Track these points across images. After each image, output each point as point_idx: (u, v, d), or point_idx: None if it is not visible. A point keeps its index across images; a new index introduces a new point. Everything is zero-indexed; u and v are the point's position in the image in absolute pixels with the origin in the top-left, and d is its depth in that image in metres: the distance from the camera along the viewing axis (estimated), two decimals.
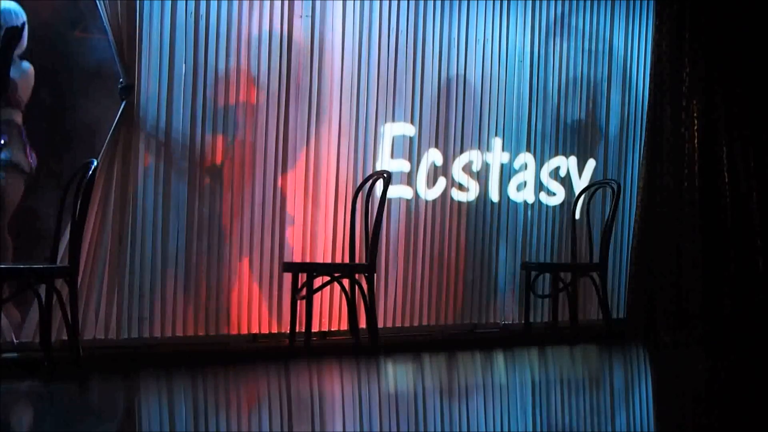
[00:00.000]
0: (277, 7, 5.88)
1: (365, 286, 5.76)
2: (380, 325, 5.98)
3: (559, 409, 4.44)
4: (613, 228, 6.80)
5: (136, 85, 5.45)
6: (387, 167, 6.18)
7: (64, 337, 5.06)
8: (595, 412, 4.44)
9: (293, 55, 5.94)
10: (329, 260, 6.04)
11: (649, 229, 6.94)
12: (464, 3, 6.54)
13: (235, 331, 5.77)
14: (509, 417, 4.27)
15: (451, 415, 4.31)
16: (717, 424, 4.08)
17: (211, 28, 5.66)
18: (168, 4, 5.54)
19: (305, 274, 5.63)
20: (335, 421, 4.12)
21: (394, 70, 6.29)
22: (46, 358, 4.84)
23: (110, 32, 5.38)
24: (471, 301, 6.57)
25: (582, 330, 6.68)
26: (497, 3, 6.67)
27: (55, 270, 4.89)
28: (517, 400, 4.73)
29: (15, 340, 5.20)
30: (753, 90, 7.14)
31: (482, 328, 6.65)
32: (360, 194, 6.04)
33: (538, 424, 4.06)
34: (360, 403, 4.58)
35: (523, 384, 5.30)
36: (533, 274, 6.54)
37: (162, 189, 5.54)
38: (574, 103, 6.99)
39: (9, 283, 4.80)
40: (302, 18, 5.96)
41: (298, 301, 5.67)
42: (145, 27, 5.47)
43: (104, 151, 5.37)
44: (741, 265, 7.02)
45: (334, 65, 6.08)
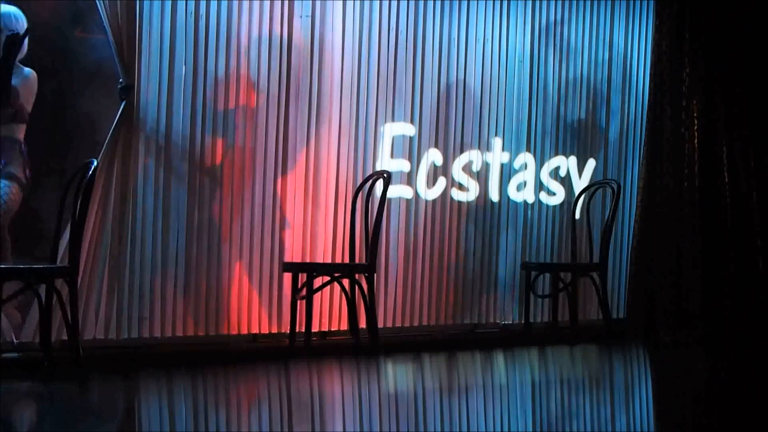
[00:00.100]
0: (277, 6, 5.88)
1: (365, 286, 5.76)
2: (380, 325, 5.98)
3: (559, 409, 4.44)
4: (613, 228, 6.80)
5: (135, 85, 5.45)
6: (387, 167, 6.18)
7: (64, 337, 5.06)
8: (595, 412, 4.44)
9: (293, 55, 5.93)
10: (329, 260, 6.04)
11: (649, 229, 6.94)
12: (464, 3, 6.54)
13: (234, 331, 5.77)
14: (509, 417, 4.27)
15: (451, 415, 4.31)
16: (717, 424, 4.08)
17: (211, 28, 5.66)
18: (168, 4, 5.54)
19: (305, 274, 5.63)
20: (335, 421, 4.12)
21: (394, 70, 6.29)
22: (46, 358, 4.84)
23: (110, 32, 5.37)
24: (471, 301, 6.57)
25: (582, 330, 6.67)
26: (497, 3, 6.67)
27: (55, 270, 4.89)
28: (517, 400, 4.73)
29: (15, 340, 5.20)
30: (753, 90, 7.15)
31: (482, 328, 6.65)
32: (360, 194, 6.03)
33: (538, 424, 4.06)
34: (360, 403, 4.58)
35: (523, 384, 5.30)
36: (533, 274, 6.54)
37: (162, 189, 5.54)
38: (574, 103, 6.99)
39: (9, 283, 4.79)
40: (302, 18, 5.96)
41: (298, 301, 5.67)
42: (144, 27, 5.47)
43: (104, 151, 5.37)
44: (741, 265, 7.02)
45: (334, 65, 6.08)
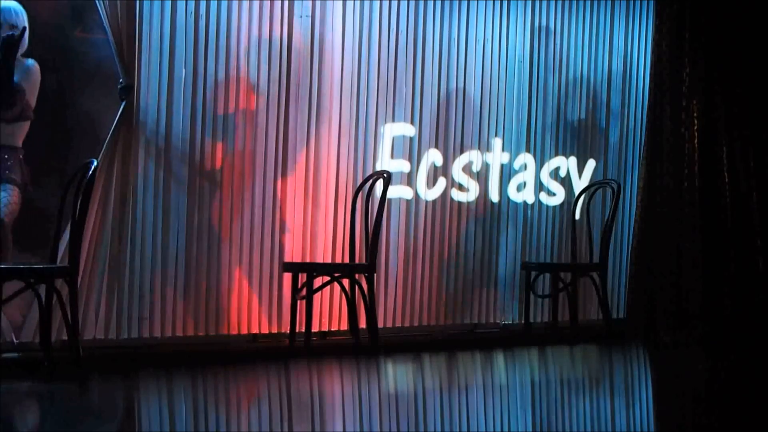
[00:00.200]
0: (277, 7, 5.88)
1: (365, 286, 5.76)
2: (380, 325, 5.98)
3: (559, 409, 4.44)
4: (613, 228, 6.80)
5: (135, 85, 5.45)
6: (387, 167, 6.18)
7: (64, 337, 5.06)
8: (595, 412, 4.44)
9: (293, 55, 5.93)
10: (329, 260, 6.04)
11: (649, 229, 6.94)
12: (464, 3, 6.54)
13: (234, 331, 5.77)
14: (509, 417, 4.27)
15: (451, 415, 4.31)
16: (717, 424, 4.08)
17: (211, 28, 5.65)
18: (168, 4, 5.54)
19: (305, 274, 5.63)
20: (335, 421, 4.12)
21: (394, 71, 6.29)
22: (46, 358, 4.84)
23: (110, 32, 5.37)
24: (471, 301, 6.57)
25: (582, 330, 6.67)
26: (497, 3, 6.67)
27: (55, 270, 4.89)
28: (517, 400, 4.73)
29: (15, 340, 5.20)
30: (753, 90, 7.14)
31: (482, 328, 6.65)
32: (360, 194, 6.03)
33: (538, 424, 4.05)
34: (360, 403, 4.58)
35: (523, 384, 5.30)
36: (533, 274, 6.54)
37: (162, 189, 5.54)
38: (574, 104, 6.99)
39: (9, 283, 4.79)
40: (302, 18, 5.96)
41: (298, 301, 5.67)
42: (144, 27, 5.47)
43: (104, 152, 5.37)
44: (741, 265, 7.02)
45: (334, 65, 6.08)
